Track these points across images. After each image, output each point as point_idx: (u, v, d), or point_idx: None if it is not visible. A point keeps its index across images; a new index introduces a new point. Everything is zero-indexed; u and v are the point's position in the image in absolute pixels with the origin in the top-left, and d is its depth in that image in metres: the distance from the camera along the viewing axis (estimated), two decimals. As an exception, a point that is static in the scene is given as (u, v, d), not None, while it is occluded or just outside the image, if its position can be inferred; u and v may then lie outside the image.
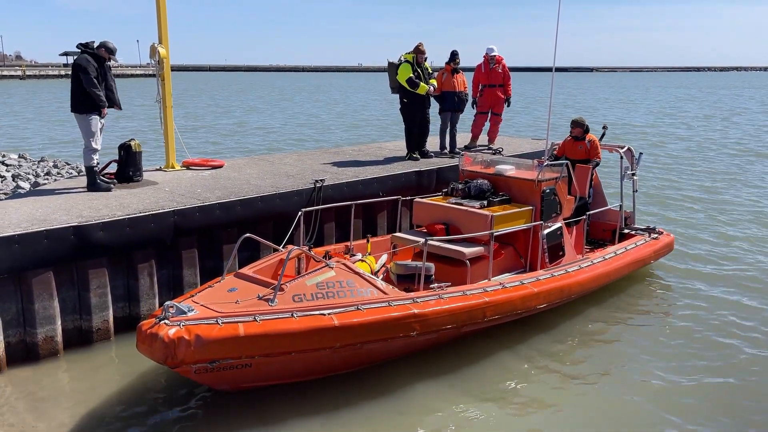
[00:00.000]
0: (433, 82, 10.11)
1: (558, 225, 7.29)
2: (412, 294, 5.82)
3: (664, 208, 12.61)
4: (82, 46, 7.64)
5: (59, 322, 6.15)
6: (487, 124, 11.71)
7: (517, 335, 6.71)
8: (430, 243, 6.19)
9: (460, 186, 7.40)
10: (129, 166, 8.18)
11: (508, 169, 7.41)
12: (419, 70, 9.85)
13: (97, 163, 7.75)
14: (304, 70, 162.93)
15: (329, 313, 5.22)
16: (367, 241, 7.54)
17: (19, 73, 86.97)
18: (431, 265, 6.23)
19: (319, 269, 5.62)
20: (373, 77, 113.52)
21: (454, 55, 10.64)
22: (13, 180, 10.44)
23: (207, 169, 9.29)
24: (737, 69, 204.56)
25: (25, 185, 10.11)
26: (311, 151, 12.03)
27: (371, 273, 6.34)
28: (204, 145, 21.34)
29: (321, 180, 8.24)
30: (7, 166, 11.67)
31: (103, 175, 7.98)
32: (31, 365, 5.97)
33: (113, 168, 8.36)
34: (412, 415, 5.35)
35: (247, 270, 5.86)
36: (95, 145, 7.64)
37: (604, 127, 9.30)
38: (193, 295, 5.34)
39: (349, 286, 5.56)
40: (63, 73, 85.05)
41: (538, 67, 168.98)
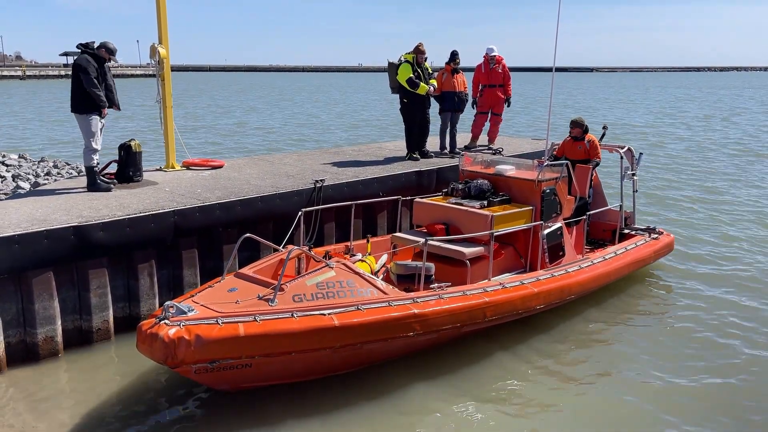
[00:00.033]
0: (433, 82, 10.11)
1: (558, 225, 7.29)
2: (412, 294, 5.82)
3: (664, 208, 12.61)
4: (82, 46, 7.65)
5: (59, 322, 6.16)
6: (487, 124, 11.71)
7: (517, 336, 6.71)
8: (430, 243, 6.19)
9: (460, 186, 7.40)
10: (129, 166, 8.19)
11: (508, 169, 7.41)
12: (419, 70, 9.85)
13: (97, 163, 7.76)
14: (304, 70, 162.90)
15: (329, 313, 5.22)
16: (367, 241, 7.54)
17: (19, 73, 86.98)
18: (431, 265, 6.23)
19: (319, 269, 5.62)
20: (373, 77, 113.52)
21: (454, 55, 10.64)
22: (13, 180, 10.43)
23: (207, 170, 9.29)
24: (737, 69, 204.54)
25: (25, 185, 10.10)
26: (311, 151, 12.04)
27: (371, 273, 6.33)
28: (204, 146, 21.34)
29: (321, 180, 8.24)
30: (7, 166, 11.67)
31: (103, 175, 7.98)
32: (31, 365, 5.97)
33: (113, 168, 8.37)
34: (412, 415, 5.35)
35: (247, 270, 5.86)
36: (95, 146, 7.65)
37: (605, 127, 9.30)
38: (193, 295, 5.34)
39: (349, 286, 5.56)
40: (63, 73, 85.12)
41: (538, 67, 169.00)
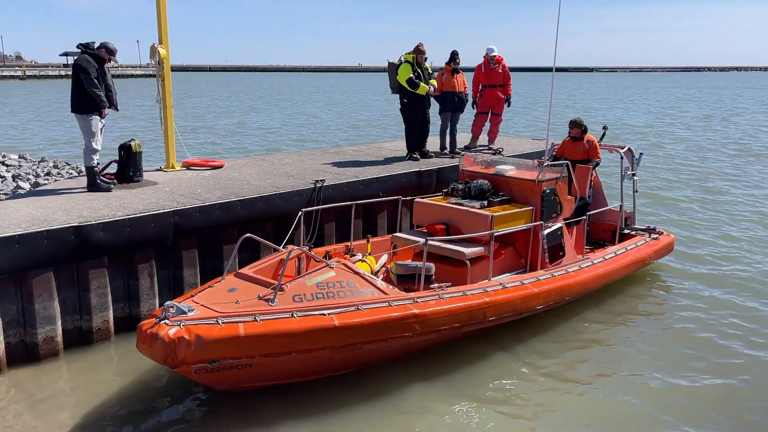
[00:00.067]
0: (433, 82, 10.12)
1: (558, 225, 7.28)
2: (413, 294, 5.82)
3: (664, 208, 12.61)
4: (82, 46, 7.65)
5: (59, 323, 6.16)
6: (487, 124, 11.71)
7: (516, 336, 6.71)
8: (431, 243, 6.19)
9: (460, 186, 7.40)
10: (129, 167, 8.19)
11: (509, 170, 7.41)
12: (419, 71, 9.85)
13: (98, 163, 7.76)
14: (304, 70, 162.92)
15: (329, 313, 5.22)
16: (368, 241, 7.54)
17: (19, 73, 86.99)
18: (431, 265, 6.23)
19: (319, 269, 5.62)
20: (373, 77, 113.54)
21: (454, 55, 10.65)
22: (13, 180, 10.42)
23: (207, 170, 9.29)
24: (737, 69, 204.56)
25: (25, 185, 10.10)
26: (311, 151, 12.04)
27: (371, 273, 6.33)
28: (204, 146, 21.34)
29: (321, 180, 8.24)
30: (7, 166, 11.65)
31: (103, 176, 7.98)
32: (31, 365, 5.97)
33: (113, 168, 8.37)
34: (410, 416, 5.35)
35: (247, 270, 5.86)
36: (95, 146, 7.65)
37: (605, 127, 9.30)
38: (193, 295, 5.34)
39: (350, 286, 5.56)
40: (63, 73, 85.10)
41: (538, 67, 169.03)
